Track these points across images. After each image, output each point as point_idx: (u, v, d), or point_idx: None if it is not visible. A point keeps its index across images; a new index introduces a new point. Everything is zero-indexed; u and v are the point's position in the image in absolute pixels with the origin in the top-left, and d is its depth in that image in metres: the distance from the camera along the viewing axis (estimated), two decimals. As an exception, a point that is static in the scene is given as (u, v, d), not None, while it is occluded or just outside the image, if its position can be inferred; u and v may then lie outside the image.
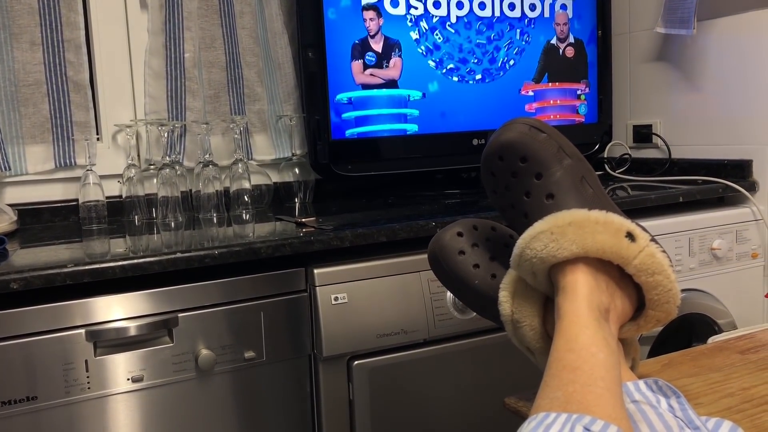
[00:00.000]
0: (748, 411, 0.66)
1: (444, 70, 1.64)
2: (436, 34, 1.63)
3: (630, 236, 0.62)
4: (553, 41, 1.76)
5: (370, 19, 1.56)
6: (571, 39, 1.78)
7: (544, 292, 0.66)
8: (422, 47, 1.62)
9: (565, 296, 0.61)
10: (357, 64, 1.57)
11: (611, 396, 0.52)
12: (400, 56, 1.60)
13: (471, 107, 1.68)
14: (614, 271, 0.64)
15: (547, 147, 0.65)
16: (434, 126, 1.65)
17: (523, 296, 0.67)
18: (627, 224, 0.63)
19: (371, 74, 1.57)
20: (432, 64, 1.63)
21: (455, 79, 1.66)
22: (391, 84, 1.60)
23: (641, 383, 0.60)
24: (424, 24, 1.61)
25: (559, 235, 0.61)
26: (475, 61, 1.67)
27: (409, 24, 1.60)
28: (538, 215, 0.64)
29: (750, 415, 0.65)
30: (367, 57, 1.57)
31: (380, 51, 1.58)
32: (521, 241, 0.64)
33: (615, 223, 0.62)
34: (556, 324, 0.60)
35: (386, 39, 1.58)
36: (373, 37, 1.57)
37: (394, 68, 1.60)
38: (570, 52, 1.78)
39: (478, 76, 1.68)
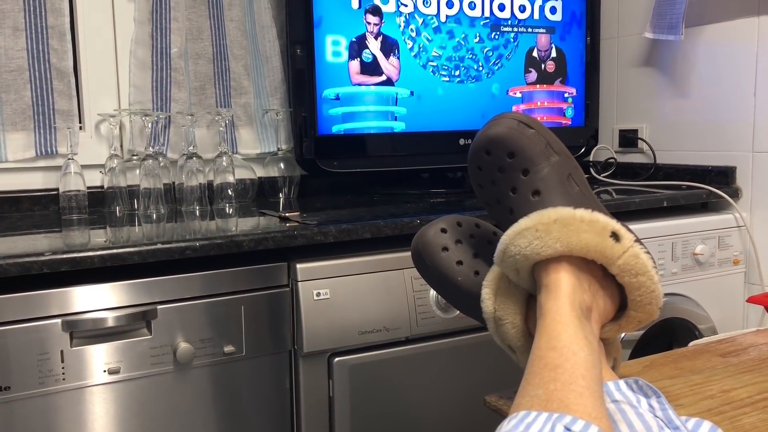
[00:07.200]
0: (728, 413, 0.66)
1: (431, 69, 1.64)
2: (424, 35, 1.62)
3: (615, 236, 0.62)
4: (535, 53, 1.75)
5: (374, 23, 1.56)
6: (554, 53, 1.78)
7: (527, 289, 0.66)
8: (410, 44, 1.61)
9: (547, 294, 0.61)
10: (354, 64, 1.55)
11: (591, 395, 0.52)
12: (397, 57, 1.59)
13: (458, 107, 1.68)
14: (597, 270, 0.63)
15: (535, 143, 0.65)
16: (421, 125, 1.64)
17: (506, 294, 0.67)
18: (612, 224, 0.63)
19: (369, 75, 1.56)
20: (419, 63, 1.62)
21: (444, 78, 1.65)
22: (387, 83, 1.59)
23: (622, 383, 0.60)
24: (413, 23, 1.61)
25: (544, 233, 0.61)
26: (470, 57, 1.67)
27: (398, 22, 1.59)
28: (523, 212, 0.64)
29: (730, 417, 0.65)
30: (363, 55, 1.56)
31: (378, 51, 1.57)
32: (506, 238, 0.63)
33: (600, 223, 0.62)
34: (538, 322, 0.60)
35: (385, 38, 1.57)
36: (375, 37, 1.56)
37: (392, 69, 1.59)
38: (551, 67, 1.78)
39: (467, 76, 1.68)
